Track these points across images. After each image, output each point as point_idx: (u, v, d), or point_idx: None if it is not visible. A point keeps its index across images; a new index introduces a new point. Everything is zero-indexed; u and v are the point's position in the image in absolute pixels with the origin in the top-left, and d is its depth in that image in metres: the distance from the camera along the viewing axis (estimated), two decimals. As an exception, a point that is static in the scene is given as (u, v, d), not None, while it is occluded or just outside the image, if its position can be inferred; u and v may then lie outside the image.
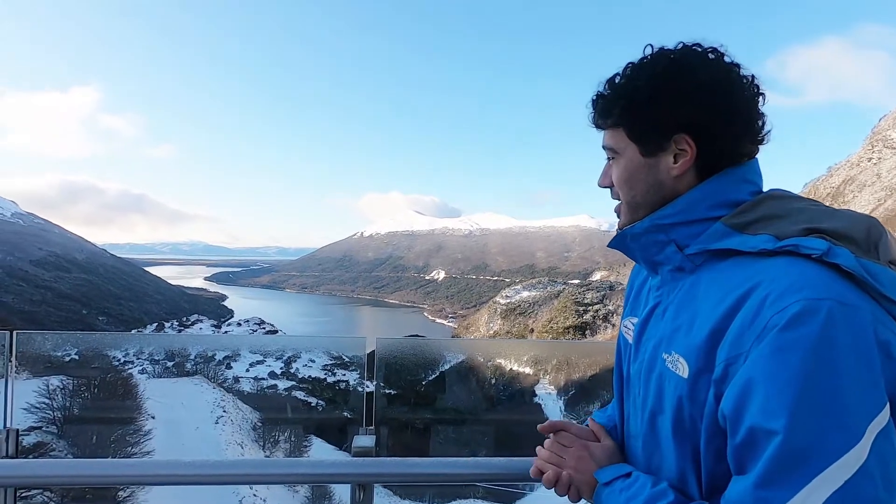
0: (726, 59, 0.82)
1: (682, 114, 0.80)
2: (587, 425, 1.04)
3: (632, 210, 0.90)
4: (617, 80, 0.86)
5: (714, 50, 0.82)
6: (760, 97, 0.83)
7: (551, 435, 1.00)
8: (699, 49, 0.82)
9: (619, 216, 0.94)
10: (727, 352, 0.69)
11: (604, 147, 0.92)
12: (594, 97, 0.89)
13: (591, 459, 0.93)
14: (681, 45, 0.83)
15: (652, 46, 0.84)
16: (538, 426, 1.02)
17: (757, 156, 0.86)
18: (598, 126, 0.91)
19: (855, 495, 0.58)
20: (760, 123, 0.83)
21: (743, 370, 0.66)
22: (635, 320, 0.97)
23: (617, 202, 0.93)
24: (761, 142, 0.84)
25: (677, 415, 0.77)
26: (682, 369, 0.76)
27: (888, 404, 0.62)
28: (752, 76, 0.83)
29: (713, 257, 0.81)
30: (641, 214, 0.88)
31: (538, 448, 1.00)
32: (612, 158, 0.91)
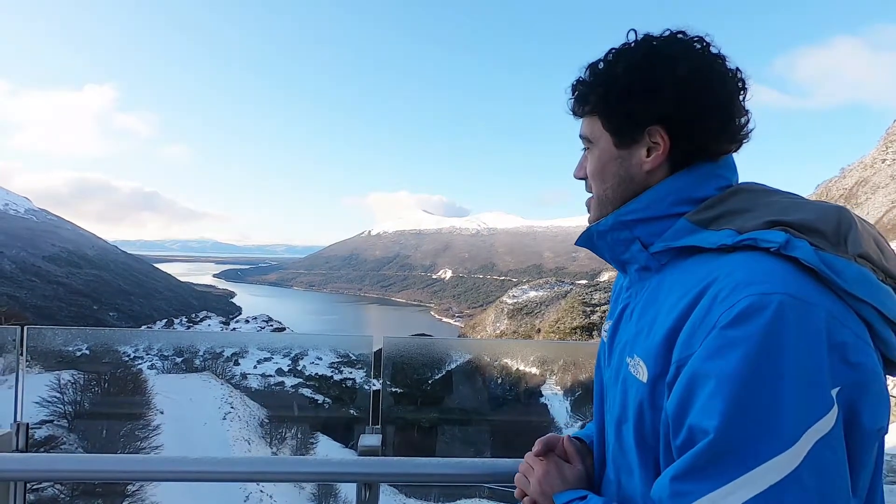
0: (712, 49, 0.77)
1: (657, 105, 0.76)
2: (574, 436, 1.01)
3: (601, 205, 0.86)
4: (598, 67, 0.82)
5: (700, 39, 0.77)
6: (744, 92, 0.78)
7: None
8: (684, 38, 0.78)
9: (588, 210, 0.91)
10: (679, 353, 0.66)
11: (580, 136, 0.88)
12: (574, 83, 0.85)
13: (557, 480, 0.91)
14: (667, 32, 0.79)
15: (635, 32, 0.79)
16: (535, 445, 1.00)
17: (735, 152, 0.82)
18: (574, 113, 0.88)
19: (778, 501, 0.55)
20: (743, 120, 0.79)
21: (686, 369, 0.63)
22: (609, 324, 0.94)
23: (589, 196, 0.90)
24: (743, 139, 0.80)
25: (638, 423, 0.74)
26: (642, 373, 0.72)
27: (835, 411, 0.57)
28: (737, 69, 0.78)
29: (678, 255, 0.77)
30: (609, 210, 0.84)
31: (522, 461, 1.00)
32: (587, 149, 0.88)
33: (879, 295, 0.65)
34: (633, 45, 0.79)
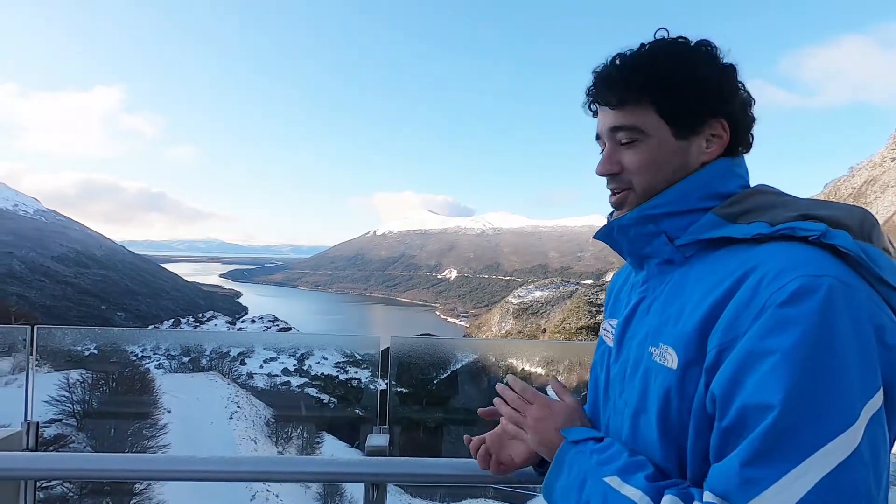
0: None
1: (720, 98, 0.79)
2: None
3: (644, 198, 0.82)
4: (645, 57, 0.79)
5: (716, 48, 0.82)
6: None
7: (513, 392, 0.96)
8: (708, 42, 0.82)
9: (617, 206, 0.85)
10: (720, 337, 0.66)
11: (616, 128, 0.81)
12: (612, 70, 0.80)
13: (553, 417, 0.89)
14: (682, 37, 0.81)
15: (667, 31, 0.80)
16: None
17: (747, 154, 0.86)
18: (609, 104, 0.81)
19: (846, 479, 0.55)
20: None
21: (738, 348, 0.63)
22: (613, 321, 0.93)
23: (619, 190, 0.84)
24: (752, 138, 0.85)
25: (663, 411, 0.72)
26: (671, 360, 0.72)
27: (882, 389, 0.59)
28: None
29: (703, 248, 0.78)
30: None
31: (496, 400, 0.97)
32: (632, 141, 0.80)
33: None
34: (672, 41, 0.80)
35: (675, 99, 0.78)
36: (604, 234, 0.87)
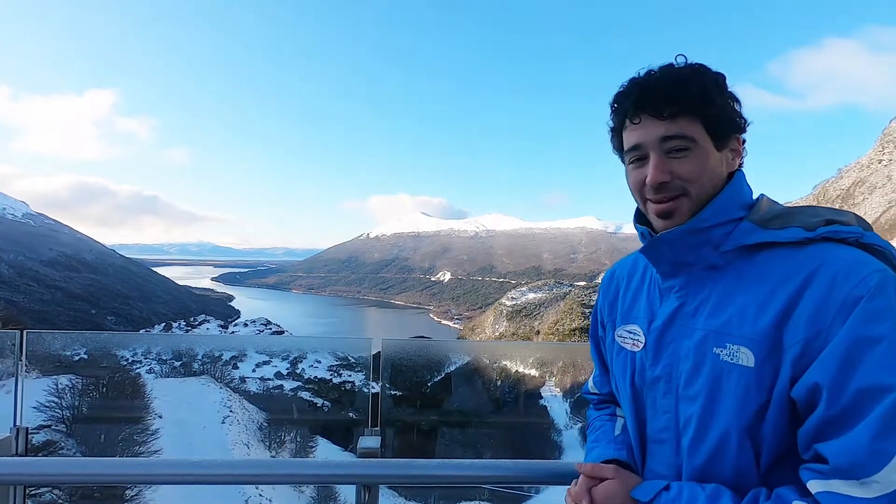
0: None
1: (741, 116, 0.90)
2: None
3: (696, 205, 0.87)
4: (688, 71, 0.86)
5: None
6: None
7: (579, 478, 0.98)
8: None
9: (666, 215, 0.88)
10: (804, 330, 0.74)
11: (669, 137, 0.85)
12: (665, 82, 0.85)
13: (616, 490, 0.91)
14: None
15: (685, 56, 0.88)
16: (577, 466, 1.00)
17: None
18: (660, 115, 0.85)
19: None
20: None
21: (839, 338, 0.71)
22: (635, 328, 0.99)
23: (669, 199, 0.87)
24: None
25: (743, 406, 0.79)
26: (746, 359, 0.79)
27: None
28: None
29: (741, 253, 0.86)
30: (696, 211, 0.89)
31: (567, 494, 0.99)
32: (683, 149, 0.86)
33: None
34: (700, 64, 0.88)
35: (717, 113, 0.86)
36: (648, 248, 0.93)
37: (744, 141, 0.91)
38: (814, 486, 0.71)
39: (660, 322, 0.93)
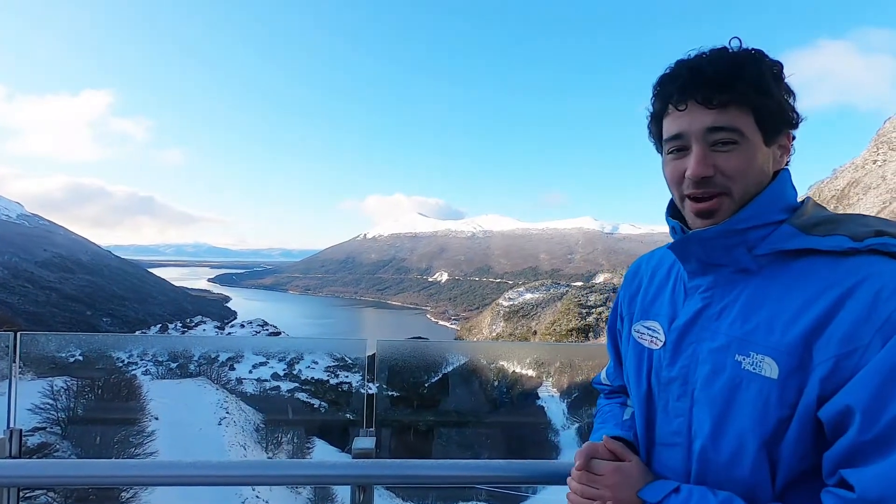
0: None
1: (795, 111, 0.82)
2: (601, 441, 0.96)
3: (739, 205, 0.80)
4: (744, 57, 0.78)
5: None
6: None
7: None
8: None
9: (707, 214, 0.81)
10: (837, 347, 0.68)
11: (717, 128, 0.78)
12: (718, 67, 0.77)
13: (628, 482, 0.86)
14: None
15: (740, 40, 0.79)
16: (575, 464, 0.93)
17: None
18: (709, 103, 0.77)
19: None
20: None
21: (879, 362, 0.65)
22: (655, 324, 0.93)
23: (711, 196, 0.80)
24: None
25: (762, 418, 0.74)
26: (770, 370, 0.74)
27: None
28: None
29: (777, 258, 0.80)
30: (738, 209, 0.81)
31: (569, 480, 0.93)
32: (730, 142, 0.78)
33: None
34: (759, 50, 0.80)
35: (771, 106, 0.78)
36: (678, 245, 0.86)
37: (794, 137, 0.84)
38: None
39: (682, 321, 0.87)
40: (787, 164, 0.85)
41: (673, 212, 0.91)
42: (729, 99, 0.77)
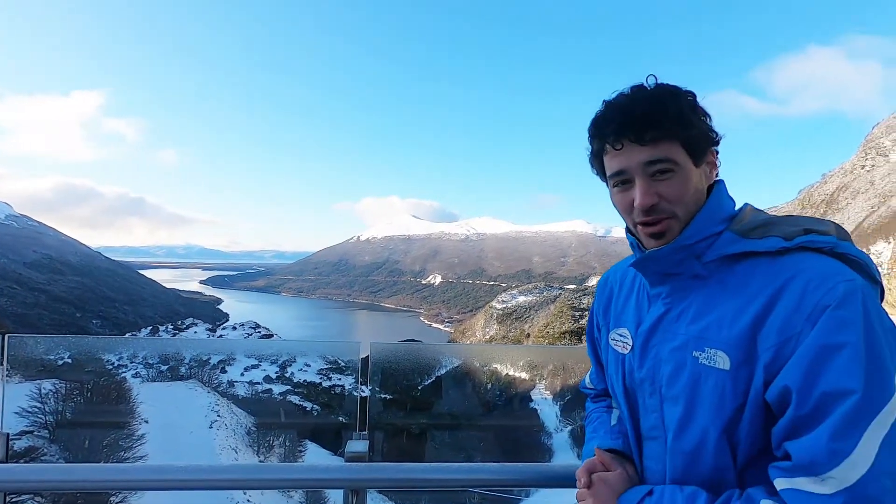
0: None
1: (713, 129, 0.92)
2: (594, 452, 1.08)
3: (684, 224, 0.90)
4: (663, 95, 0.88)
5: None
6: None
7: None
8: None
9: (659, 235, 0.91)
10: (776, 337, 0.79)
11: (653, 161, 0.88)
12: (644, 109, 0.87)
13: (611, 491, 0.96)
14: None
15: (655, 77, 0.91)
16: (578, 475, 1.04)
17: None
18: (642, 141, 0.87)
19: None
20: None
21: (806, 345, 0.75)
22: (625, 331, 1.04)
23: (660, 220, 0.90)
24: None
25: (719, 407, 0.84)
26: (723, 362, 0.83)
27: None
28: None
29: (724, 263, 0.90)
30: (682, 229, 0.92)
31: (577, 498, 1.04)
32: (666, 172, 0.88)
33: None
34: (670, 84, 0.91)
35: (694, 134, 0.89)
36: (640, 263, 0.97)
37: (717, 152, 0.94)
38: (780, 483, 0.76)
39: (646, 326, 0.98)
40: (716, 176, 0.96)
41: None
42: (658, 135, 0.87)
